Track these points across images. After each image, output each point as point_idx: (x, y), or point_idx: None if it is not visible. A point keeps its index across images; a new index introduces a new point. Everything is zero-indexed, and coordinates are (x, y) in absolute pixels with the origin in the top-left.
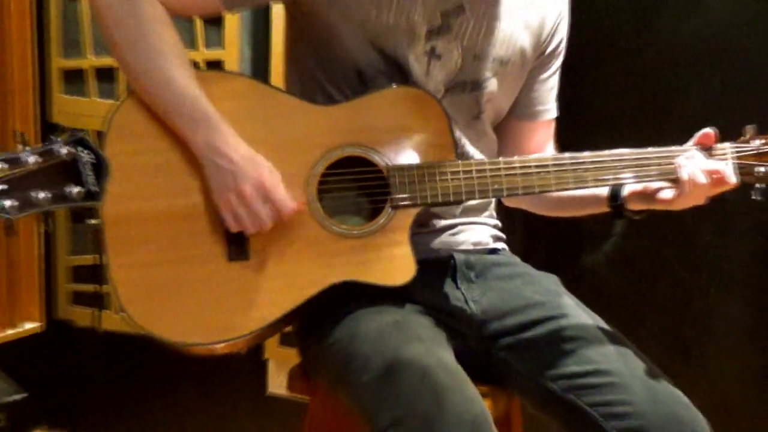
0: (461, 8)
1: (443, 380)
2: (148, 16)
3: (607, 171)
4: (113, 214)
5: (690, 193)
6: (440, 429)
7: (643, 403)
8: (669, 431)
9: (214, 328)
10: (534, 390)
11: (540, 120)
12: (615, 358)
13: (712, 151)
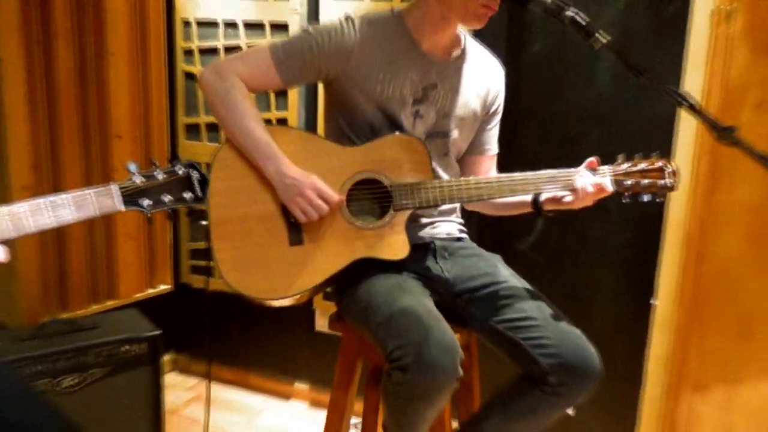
0: (435, 85)
1: (428, 321)
2: (236, 93)
3: (530, 184)
4: (215, 218)
5: (582, 198)
6: (427, 351)
7: (554, 337)
8: (571, 355)
9: (281, 288)
10: (485, 328)
11: (487, 155)
12: (536, 309)
13: (595, 171)
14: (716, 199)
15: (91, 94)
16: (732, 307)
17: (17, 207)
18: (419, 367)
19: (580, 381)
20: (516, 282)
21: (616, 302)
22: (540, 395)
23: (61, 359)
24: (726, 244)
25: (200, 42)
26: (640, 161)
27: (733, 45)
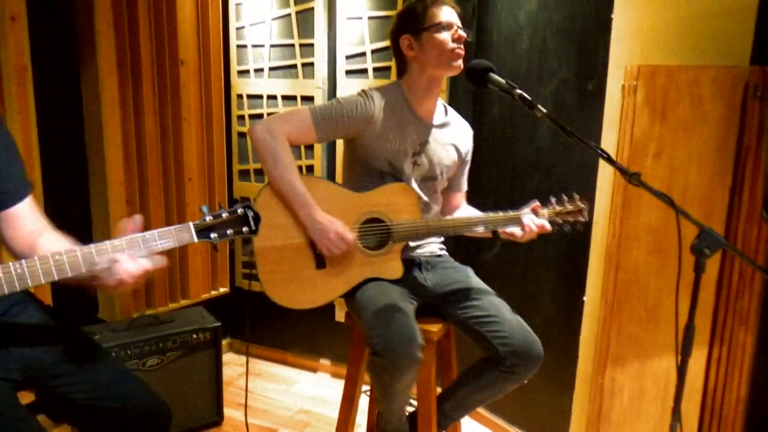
0: (427, 142)
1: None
2: (281, 149)
3: (490, 223)
4: (258, 247)
5: (527, 234)
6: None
7: (509, 330)
8: (521, 344)
9: (309, 301)
10: (458, 322)
11: (460, 191)
12: (495, 308)
13: (537, 213)
14: (628, 222)
15: (169, 149)
16: (641, 302)
17: (117, 241)
18: (386, 351)
19: (527, 363)
20: (482, 287)
21: (555, 298)
22: (498, 373)
23: (146, 345)
24: (635, 256)
25: (249, 110)
26: (567, 203)
27: (636, 111)
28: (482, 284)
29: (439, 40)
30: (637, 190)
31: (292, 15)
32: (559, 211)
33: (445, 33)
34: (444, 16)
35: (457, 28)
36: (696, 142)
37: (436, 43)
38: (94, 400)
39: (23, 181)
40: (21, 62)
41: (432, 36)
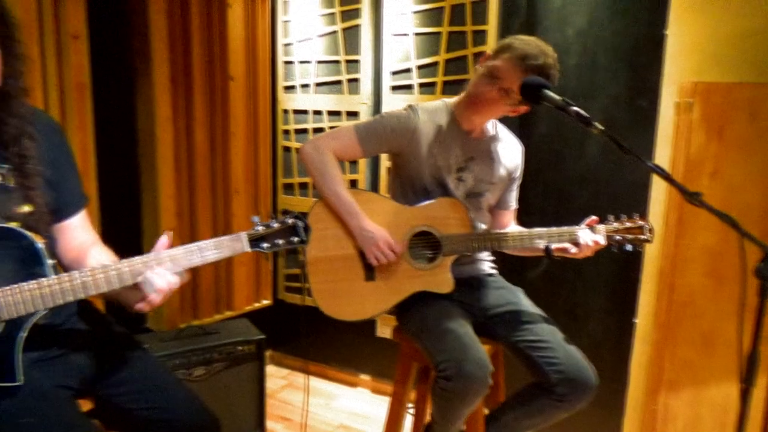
0: (473, 158)
1: (467, 341)
2: (329, 164)
3: (543, 239)
4: (311, 258)
5: (583, 251)
6: (466, 366)
7: (562, 357)
8: (574, 372)
9: (358, 313)
10: (509, 344)
11: (509, 210)
12: (549, 333)
13: (594, 229)
14: (683, 243)
15: (218, 162)
16: (697, 326)
17: (175, 250)
18: (459, 378)
19: (580, 393)
20: (534, 310)
21: (605, 320)
22: (548, 401)
23: (193, 355)
24: (691, 277)
25: (295, 125)
26: (626, 221)
27: (692, 128)
28: (535, 308)
29: (482, 81)
30: (692, 210)
31: (338, 32)
32: (618, 229)
33: (490, 79)
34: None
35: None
36: (755, 160)
37: (479, 82)
38: (147, 410)
39: (80, 194)
40: (81, 79)
41: (482, 72)
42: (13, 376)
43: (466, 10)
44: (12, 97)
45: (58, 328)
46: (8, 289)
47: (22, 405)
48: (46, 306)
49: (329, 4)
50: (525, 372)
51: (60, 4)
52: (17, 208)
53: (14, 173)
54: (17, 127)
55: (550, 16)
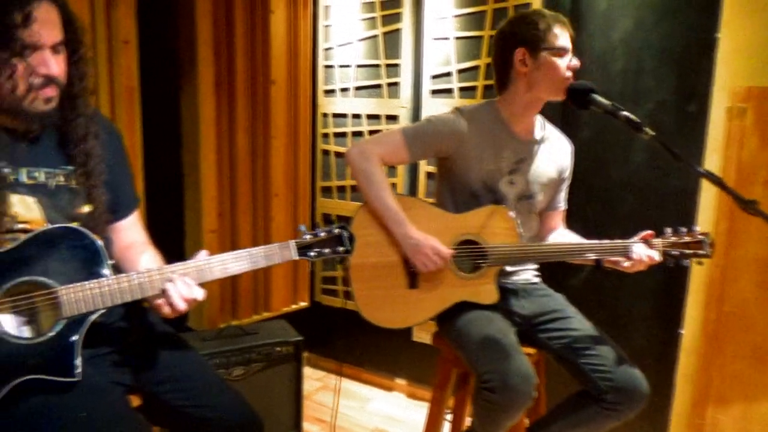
0: (524, 160)
1: (511, 352)
2: (375, 169)
3: (595, 252)
4: (354, 264)
5: (637, 265)
6: (510, 378)
7: (611, 365)
8: (624, 380)
9: (400, 321)
10: (554, 353)
11: (558, 210)
12: (597, 340)
13: (649, 243)
14: (733, 252)
15: (258, 165)
16: (747, 338)
17: (226, 255)
18: (503, 389)
19: (631, 401)
20: (579, 318)
21: (649, 330)
22: (598, 409)
23: (233, 355)
24: (741, 288)
25: (334, 128)
26: (684, 235)
27: (745, 134)
28: (580, 315)
29: (557, 65)
30: (744, 218)
31: (379, 36)
32: (675, 243)
33: (563, 59)
34: (566, 41)
35: (571, 56)
36: None
37: (552, 67)
38: (194, 408)
39: (133, 196)
40: (130, 83)
41: (550, 59)
42: (72, 371)
43: (509, 14)
44: (78, 98)
45: (110, 327)
46: (71, 287)
47: (78, 400)
48: (105, 305)
49: (370, 9)
50: (568, 381)
51: (112, 10)
52: (79, 209)
53: (77, 174)
54: (83, 126)
55: (595, 19)
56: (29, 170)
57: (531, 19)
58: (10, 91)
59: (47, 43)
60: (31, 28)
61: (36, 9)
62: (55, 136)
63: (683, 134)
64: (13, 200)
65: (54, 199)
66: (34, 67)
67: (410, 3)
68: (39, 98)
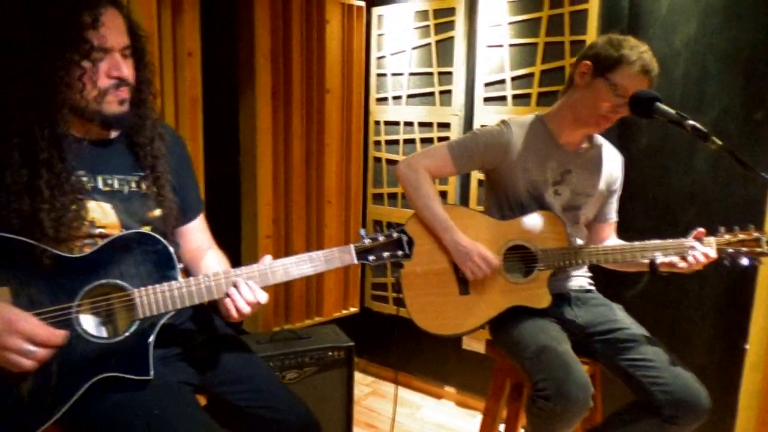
0: (570, 171)
1: (567, 361)
2: (423, 181)
3: (648, 252)
4: (406, 272)
5: (693, 264)
6: (567, 386)
7: (669, 376)
8: (683, 392)
9: (452, 327)
10: (610, 364)
11: (608, 222)
12: (653, 352)
13: (702, 241)
14: None
15: (312, 172)
16: None
17: (288, 260)
18: (560, 398)
19: (691, 414)
20: (636, 328)
21: (711, 345)
22: (655, 422)
23: (287, 359)
24: None
25: (386, 136)
26: (739, 233)
27: None
28: (637, 325)
29: (602, 98)
30: None
31: (432, 44)
32: (730, 241)
33: (613, 96)
34: (629, 84)
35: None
36: None
37: (598, 97)
38: (258, 409)
39: (198, 200)
40: (194, 93)
41: (601, 88)
42: (146, 370)
43: (565, 20)
44: (145, 102)
45: (178, 328)
46: (144, 290)
47: (152, 397)
48: (175, 307)
49: (423, 18)
50: (624, 391)
51: (177, 24)
52: (151, 212)
53: (148, 178)
54: (150, 130)
55: (655, 24)
56: (104, 177)
57: (620, 43)
58: (80, 92)
59: (116, 47)
60: (99, 30)
61: (103, 13)
62: (125, 142)
63: (750, 142)
64: (91, 206)
65: (128, 204)
66: (106, 70)
67: (464, 11)
68: (113, 100)
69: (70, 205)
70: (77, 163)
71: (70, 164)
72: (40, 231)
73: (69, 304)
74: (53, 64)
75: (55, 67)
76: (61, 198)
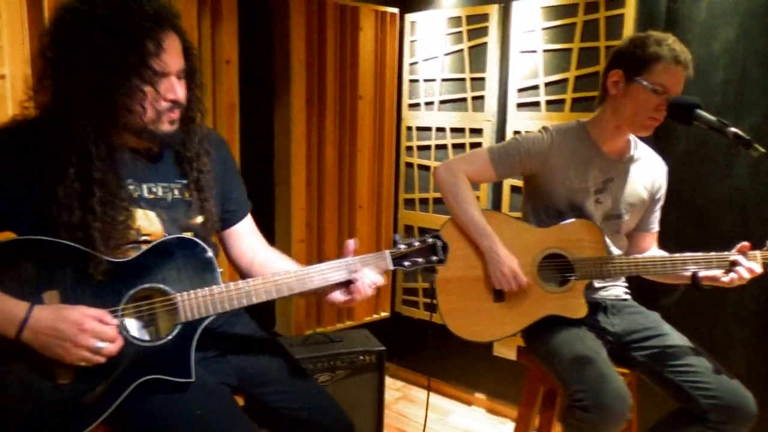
0: (612, 179)
1: (605, 371)
2: (461, 186)
3: (689, 265)
4: (440, 277)
5: (737, 279)
6: (605, 397)
7: (714, 381)
8: (730, 397)
9: (486, 334)
10: (649, 372)
11: (650, 232)
12: (696, 359)
13: (747, 255)
14: None
15: (344, 177)
16: None
17: (325, 265)
18: (598, 409)
19: (738, 420)
20: (676, 335)
21: (750, 355)
22: (701, 429)
23: (319, 362)
24: None
25: (418, 141)
26: None
27: None
28: (677, 333)
29: (644, 101)
30: None
31: (464, 50)
32: None
33: (655, 96)
34: (670, 81)
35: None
36: None
37: (639, 101)
38: (295, 411)
39: (244, 201)
40: (231, 100)
41: (640, 91)
42: (188, 372)
43: (600, 26)
44: (193, 120)
45: (216, 331)
46: (185, 294)
47: (193, 399)
48: (216, 311)
49: (456, 24)
50: (661, 402)
51: (216, 33)
52: (193, 219)
53: (191, 187)
54: (197, 146)
55: (694, 28)
56: (149, 186)
57: (644, 42)
58: (140, 115)
59: (173, 71)
60: (160, 57)
61: (164, 39)
62: (171, 152)
63: None
64: (138, 214)
65: (171, 211)
66: (163, 93)
67: (497, 17)
68: (165, 121)
69: (119, 216)
70: (125, 173)
71: (121, 176)
72: (90, 243)
73: (115, 307)
74: (116, 89)
75: (119, 93)
76: (112, 212)
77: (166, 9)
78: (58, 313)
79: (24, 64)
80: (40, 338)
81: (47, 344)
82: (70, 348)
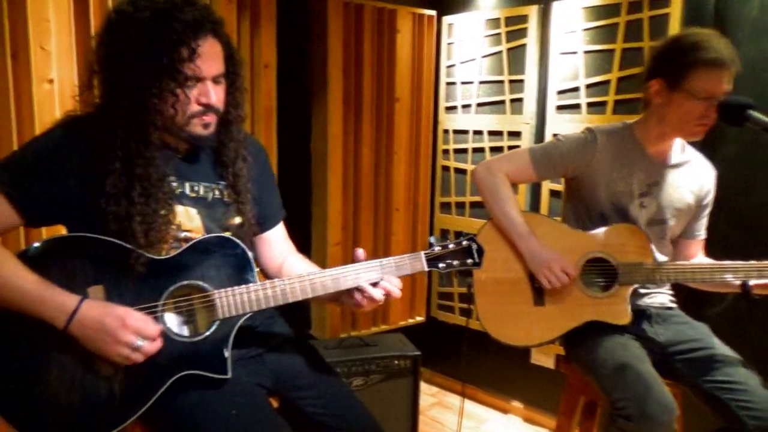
0: (657, 183)
1: (649, 380)
2: (501, 186)
3: (740, 273)
4: (479, 279)
5: None
6: (649, 406)
7: (761, 402)
8: None
9: (525, 338)
10: (694, 386)
11: (697, 239)
12: (744, 375)
13: None
14: None
15: (381, 180)
16: None
17: (359, 266)
18: (641, 418)
19: None
20: (724, 349)
21: None
22: None
23: (354, 366)
24: None
25: (454, 144)
26: None
27: None
28: (725, 347)
29: (689, 109)
30: None
31: (503, 52)
32: None
33: (700, 103)
34: (712, 85)
35: (715, 101)
36: None
37: (684, 110)
38: (326, 417)
39: (279, 208)
40: (269, 104)
41: (683, 100)
42: (224, 369)
43: (644, 25)
44: (232, 124)
45: (253, 331)
46: (223, 292)
47: (229, 398)
48: (252, 309)
49: (495, 26)
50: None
51: (255, 37)
52: (231, 220)
53: (229, 188)
54: (235, 150)
55: (744, 27)
56: (192, 184)
57: (680, 47)
58: (172, 117)
59: (208, 76)
60: (195, 62)
61: (202, 44)
62: (211, 154)
63: None
64: (179, 210)
65: (211, 210)
66: (196, 97)
67: (536, 18)
68: (198, 123)
69: (160, 209)
70: (168, 170)
71: (162, 171)
72: (132, 234)
73: (155, 303)
74: (148, 90)
75: (150, 93)
76: (153, 204)
77: (207, 15)
78: (105, 309)
79: (71, 69)
80: (86, 331)
81: (90, 337)
82: (111, 343)
